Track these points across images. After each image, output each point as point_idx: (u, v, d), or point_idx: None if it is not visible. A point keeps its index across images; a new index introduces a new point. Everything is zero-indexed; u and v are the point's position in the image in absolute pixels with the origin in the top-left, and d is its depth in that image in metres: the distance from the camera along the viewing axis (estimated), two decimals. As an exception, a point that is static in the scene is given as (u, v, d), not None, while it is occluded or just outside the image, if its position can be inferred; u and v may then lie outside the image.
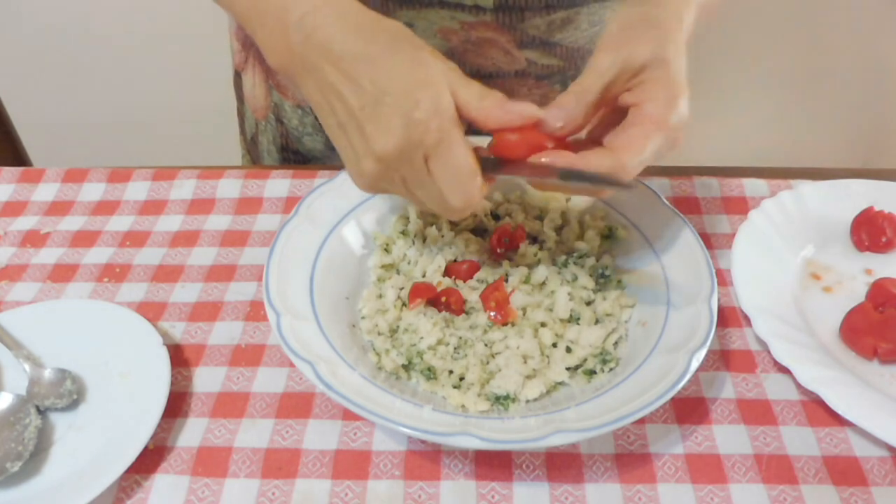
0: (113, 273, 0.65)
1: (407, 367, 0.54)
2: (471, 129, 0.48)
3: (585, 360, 0.54)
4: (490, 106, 0.46)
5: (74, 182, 0.75)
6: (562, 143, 0.49)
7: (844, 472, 0.50)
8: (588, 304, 0.57)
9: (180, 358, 0.57)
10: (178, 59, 1.56)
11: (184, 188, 0.73)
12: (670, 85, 0.47)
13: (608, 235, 0.61)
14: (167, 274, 0.65)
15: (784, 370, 0.54)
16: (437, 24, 0.67)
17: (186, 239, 0.68)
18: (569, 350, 0.54)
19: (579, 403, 0.48)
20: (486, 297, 0.57)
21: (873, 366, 0.56)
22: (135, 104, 1.62)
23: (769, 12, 1.49)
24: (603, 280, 0.59)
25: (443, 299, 0.57)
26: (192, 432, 0.52)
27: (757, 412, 0.53)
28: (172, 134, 1.58)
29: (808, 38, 1.54)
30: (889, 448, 0.51)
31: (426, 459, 0.51)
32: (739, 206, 0.70)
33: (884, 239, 0.64)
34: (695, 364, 0.48)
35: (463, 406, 0.51)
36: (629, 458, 0.50)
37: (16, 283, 0.65)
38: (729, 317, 0.60)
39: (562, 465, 0.50)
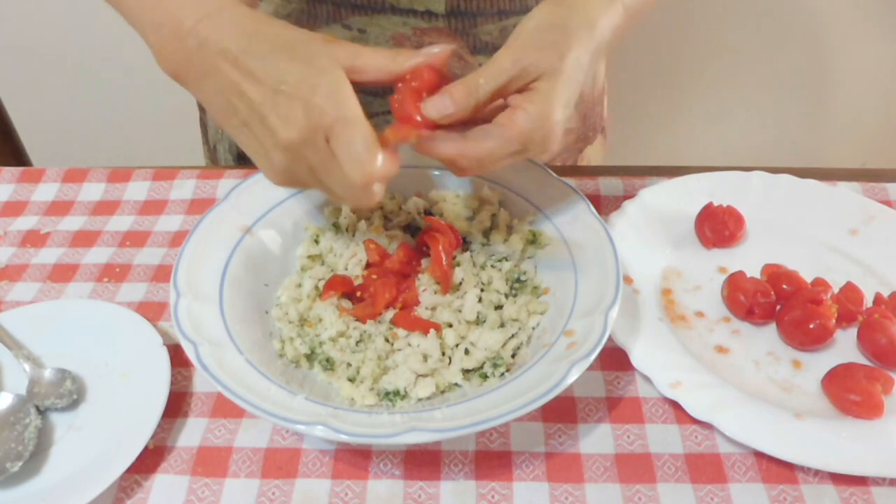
0: (113, 273, 0.65)
1: (310, 356, 0.54)
2: None
3: (483, 363, 0.53)
4: (404, 58, 0.49)
5: (74, 182, 0.75)
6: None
7: (844, 471, 0.50)
8: (498, 308, 0.57)
9: (180, 358, 0.57)
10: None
11: (184, 188, 0.73)
12: (551, 100, 0.48)
13: (532, 241, 0.60)
14: (167, 274, 0.65)
15: (784, 370, 0.54)
16: (389, 30, 0.67)
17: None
18: (467, 352, 0.54)
19: (451, 405, 0.48)
20: (395, 297, 0.57)
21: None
22: (135, 104, 1.62)
23: (768, 12, 1.49)
24: (518, 285, 0.58)
25: (358, 294, 0.58)
26: (192, 432, 0.53)
27: (757, 412, 0.53)
28: (173, 134, 1.58)
29: (807, 38, 1.54)
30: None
31: (426, 459, 0.51)
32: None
33: (727, 232, 0.64)
34: (573, 376, 0.47)
35: (352, 399, 0.51)
36: (629, 458, 0.50)
37: (16, 283, 0.65)
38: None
39: (562, 465, 0.50)
